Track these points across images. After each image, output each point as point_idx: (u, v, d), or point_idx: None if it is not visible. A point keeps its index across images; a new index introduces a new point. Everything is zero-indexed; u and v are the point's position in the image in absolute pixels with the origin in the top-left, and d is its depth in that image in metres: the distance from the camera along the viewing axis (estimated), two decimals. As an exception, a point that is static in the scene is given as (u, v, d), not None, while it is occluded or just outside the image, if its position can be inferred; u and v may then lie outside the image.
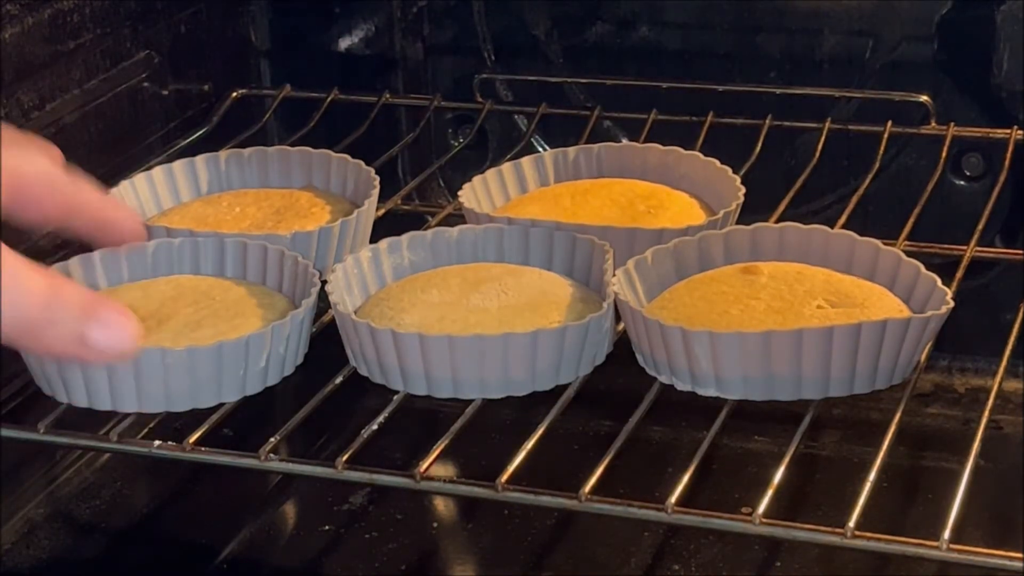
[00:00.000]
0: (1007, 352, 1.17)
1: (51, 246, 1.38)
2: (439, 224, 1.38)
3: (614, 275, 1.17)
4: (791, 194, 1.41)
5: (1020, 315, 1.23)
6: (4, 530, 1.31)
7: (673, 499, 1.02)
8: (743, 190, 1.31)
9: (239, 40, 1.65)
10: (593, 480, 1.03)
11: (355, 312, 1.18)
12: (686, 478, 1.03)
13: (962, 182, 1.55)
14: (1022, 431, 1.42)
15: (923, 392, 1.50)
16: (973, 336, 1.48)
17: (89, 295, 0.96)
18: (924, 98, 1.50)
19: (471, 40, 1.65)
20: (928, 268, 1.16)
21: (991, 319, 1.47)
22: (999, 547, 0.98)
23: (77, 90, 1.43)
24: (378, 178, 1.35)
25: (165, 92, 1.55)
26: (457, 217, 1.35)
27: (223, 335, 1.13)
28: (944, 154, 1.45)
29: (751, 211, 1.32)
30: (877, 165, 1.45)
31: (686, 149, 1.40)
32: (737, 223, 1.28)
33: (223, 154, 1.41)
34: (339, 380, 1.16)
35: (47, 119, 1.39)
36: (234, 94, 1.62)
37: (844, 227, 1.25)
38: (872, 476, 1.03)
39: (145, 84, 1.52)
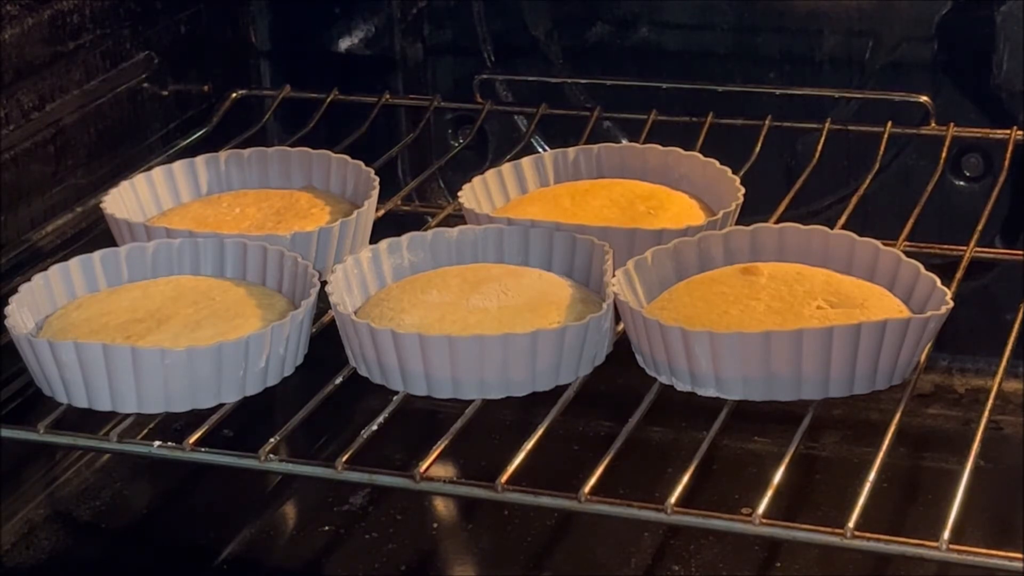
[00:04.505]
0: (1007, 352, 1.17)
1: (51, 246, 1.38)
2: (439, 225, 1.38)
3: (614, 276, 1.17)
4: (791, 194, 1.41)
5: (1020, 315, 1.23)
6: (4, 530, 1.31)
7: (673, 499, 1.02)
8: (743, 190, 1.31)
9: (239, 40, 1.65)
10: (593, 480, 1.03)
11: (355, 313, 1.18)
12: (686, 478, 1.03)
13: (962, 182, 1.55)
14: (1022, 431, 1.42)
15: (923, 392, 1.50)
16: (973, 336, 1.48)
17: None
18: (924, 98, 1.50)
19: (471, 40, 1.65)
20: (928, 268, 1.16)
21: (991, 319, 1.47)
22: (999, 547, 0.98)
23: (77, 91, 1.43)
24: (378, 179, 1.35)
25: (165, 93, 1.55)
26: (457, 218, 1.35)
27: (223, 335, 1.13)
28: (944, 154, 1.45)
29: (751, 211, 1.32)
30: (877, 165, 1.45)
31: (686, 149, 1.40)
32: (737, 223, 1.28)
33: (223, 155, 1.41)
34: (339, 380, 1.16)
35: (47, 119, 1.39)
36: (234, 94, 1.62)
37: (844, 227, 1.25)
38: (872, 476, 1.03)
39: (145, 85, 1.52)
